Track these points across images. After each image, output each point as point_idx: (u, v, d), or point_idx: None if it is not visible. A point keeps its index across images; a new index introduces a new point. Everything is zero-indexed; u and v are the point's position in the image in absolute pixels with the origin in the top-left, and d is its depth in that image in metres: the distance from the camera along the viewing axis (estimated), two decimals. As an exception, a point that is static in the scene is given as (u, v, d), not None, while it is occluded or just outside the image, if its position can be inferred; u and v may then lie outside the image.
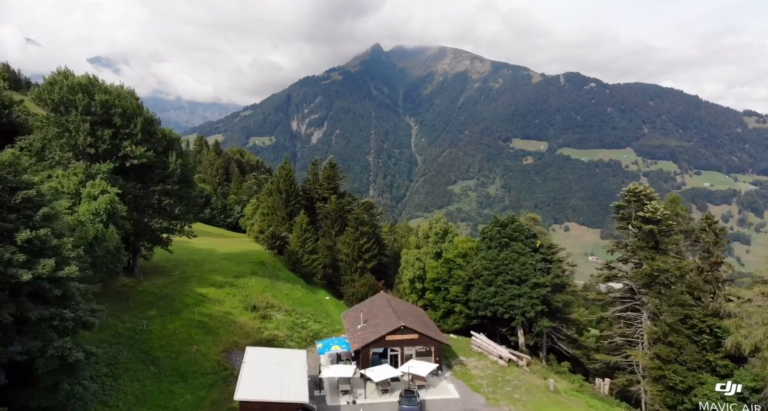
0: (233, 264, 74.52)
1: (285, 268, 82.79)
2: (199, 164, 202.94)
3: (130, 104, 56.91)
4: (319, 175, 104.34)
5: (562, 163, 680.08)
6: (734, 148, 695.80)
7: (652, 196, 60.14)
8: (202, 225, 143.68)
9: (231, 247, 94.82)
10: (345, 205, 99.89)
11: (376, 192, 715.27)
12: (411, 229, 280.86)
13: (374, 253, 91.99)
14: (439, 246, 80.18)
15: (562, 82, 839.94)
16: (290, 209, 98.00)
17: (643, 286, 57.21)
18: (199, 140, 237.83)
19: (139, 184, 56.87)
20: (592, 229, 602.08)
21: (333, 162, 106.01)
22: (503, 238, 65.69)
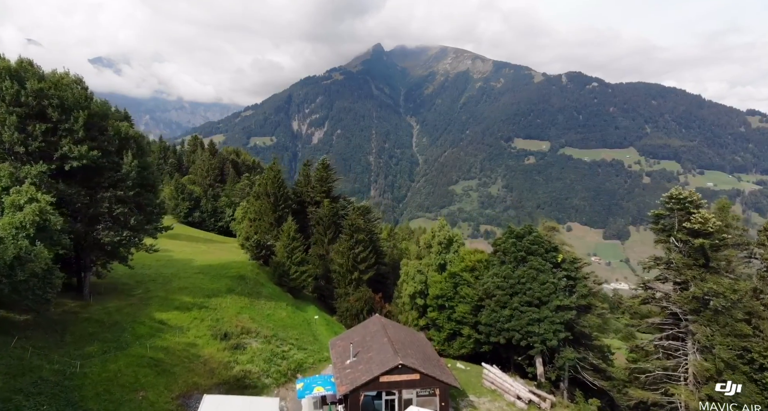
0: (208, 279, 64.49)
1: (270, 282, 72.79)
2: (193, 164, 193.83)
3: (72, 94, 46.77)
4: (311, 176, 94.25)
5: (564, 162, 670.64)
6: (738, 147, 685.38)
7: (699, 202, 49.66)
8: (190, 229, 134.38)
9: (213, 256, 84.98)
10: (339, 209, 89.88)
11: (377, 192, 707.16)
12: (412, 231, 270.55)
13: (371, 263, 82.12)
14: (443, 257, 70.10)
15: (564, 81, 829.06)
16: (279, 214, 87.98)
17: (690, 312, 47.04)
18: (193, 140, 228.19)
19: (85, 190, 46.83)
20: (594, 230, 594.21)
21: (326, 162, 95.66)
22: (519, 252, 55.32)
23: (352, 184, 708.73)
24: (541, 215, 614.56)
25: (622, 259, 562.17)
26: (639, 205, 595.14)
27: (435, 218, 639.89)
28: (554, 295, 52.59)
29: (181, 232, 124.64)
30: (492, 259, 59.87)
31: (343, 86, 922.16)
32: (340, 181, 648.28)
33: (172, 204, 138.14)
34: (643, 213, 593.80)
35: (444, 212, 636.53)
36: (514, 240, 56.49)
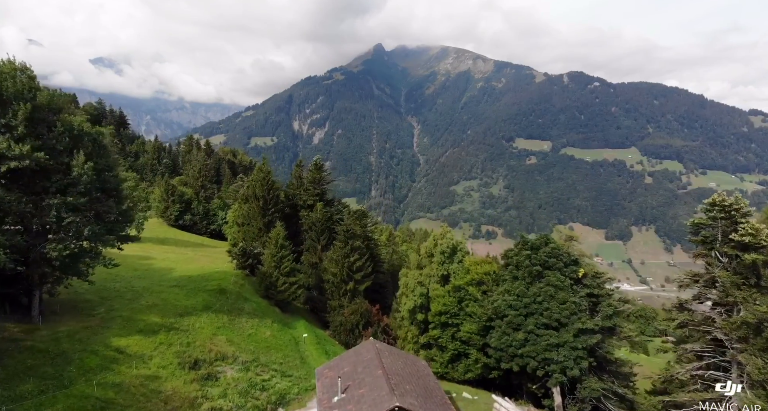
0: (184, 294, 57.19)
1: (255, 295, 65.49)
2: (188, 165, 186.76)
3: (13, 84, 39.38)
4: (304, 178, 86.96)
5: (565, 162, 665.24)
6: (740, 147, 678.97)
7: (746, 211, 41.90)
8: (180, 233, 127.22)
9: (197, 264, 77.72)
10: (333, 213, 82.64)
11: (378, 192, 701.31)
12: (413, 233, 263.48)
13: (367, 272, 74.93)
14: (446, 268, 62.73)
15: (565, 81, 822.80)
16: (268, 219, 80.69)
17: (738, 340, 39.73)
18: (188, 140, 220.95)
19: (28, 196, 39.58)
20: (596, 230, 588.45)
21: (319, 163, 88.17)
22: (534, 266, 47.89)
23: (353, 185, 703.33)
24: (543, 215, 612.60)
25: (624, 260, 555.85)
26: (641, 205, 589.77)
27: (436, 218, 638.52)
28: (575, 317, 45.22)
29: (170, 236, 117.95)
30: (503, 274, 52.33)
31: (344, 86, 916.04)
32: (339, 182, 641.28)
33: (162, 206, 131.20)
34: (646, 213, 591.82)
35: (445, 213, 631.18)
36: (528, 252, 49.00)
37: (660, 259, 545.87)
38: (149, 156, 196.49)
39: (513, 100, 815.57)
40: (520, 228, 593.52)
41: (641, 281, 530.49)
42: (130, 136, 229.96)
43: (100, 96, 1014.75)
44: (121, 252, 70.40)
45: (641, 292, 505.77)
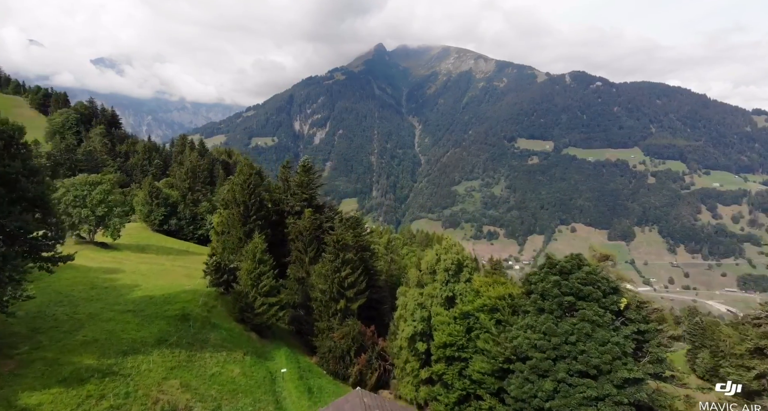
0: (136, 322, 46.98)
1: (228, 319, 55.36)
2: (175, 166, 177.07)
3: None
4: (291, 181, 76.69)
5: (568, 163, 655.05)
6: (744, 147, 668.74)
7: None
8: (164, 239, 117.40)
9: (167, 279, 67.72)
10: (323, 221, 72.47)
11: (379, 193, 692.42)
12: (413, 236, 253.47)
13: (361, 288, 64.71)
14: (451, 288, 52.55)
15: (567, 81, 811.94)
16: (250, 228, 70.59)
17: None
18: (181, 140, 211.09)
19: None
20: (599, 230, 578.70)
21: (308, 164, 77.62)
22: (566, 296, 37.91)
23: (354, 185, 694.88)
24: (545, 216, 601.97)
25: (627, 261, 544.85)
26: (644, 205, 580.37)
27: (437, 219, 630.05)
28: (619, 362, 34.98)
29: (152, 243, 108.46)
30: (523, 303, 41.70)
31: (345, 86, 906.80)
32: (340, 183, 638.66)
33: (145, 210, 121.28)
34: (649, 213, 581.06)
35: (446, 213, 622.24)
36: (557, 278, 38.62)
37: (663, 260, 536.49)
38: (139, 156, 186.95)
39: (515, 100, 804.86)
40: (522, 228, 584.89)
41: (644, 282, 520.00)
42: (123, 136, 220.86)
43: (101, 96, 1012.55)
44: (90, 264, 61.11)
45: (645, 293, 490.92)
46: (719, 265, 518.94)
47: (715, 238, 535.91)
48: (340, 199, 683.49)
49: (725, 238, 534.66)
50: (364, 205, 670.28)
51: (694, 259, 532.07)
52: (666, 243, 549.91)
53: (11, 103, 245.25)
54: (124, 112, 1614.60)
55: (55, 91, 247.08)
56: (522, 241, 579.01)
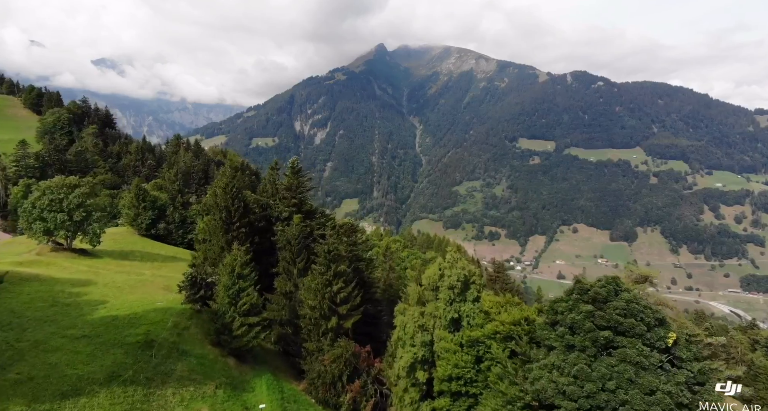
0: (88, 352, 39.69)
1: (202, 343, 48.24)
2: (170, 167, 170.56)
3: None
4: (278, 184, 69.26)
5: (569, 163, 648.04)
6: (746, 147, 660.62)
7: None
8: (151, 243, 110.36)
9: (140, 293, 60.70)
10: (314, 228, 65.28)
11: (380, 193, 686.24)
12: (414, 238, 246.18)
13: (355, 304, 57.79)
14: (457, 308, 45.43)
15: (569, 80, 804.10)
16: (233, 236, 63.46)
17: None
18: (175, 140, 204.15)
19: None
20: (601, 231, 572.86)
21: (296, 165, 70.31)
22: (601, 329, 30.26)
23: (354, 185, 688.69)
24: (547, 216, 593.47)
25: (629, 261, 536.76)
26: (646, 206, 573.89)
27: (439, 219, 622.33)
28: (669, 418, 27.57)
29: (137, 249, 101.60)
30: (547, 336, 33.91)
31: (346, 86, 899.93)
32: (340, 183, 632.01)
33: (132, 214, 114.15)
34: (651, 214, 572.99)
35: (448, 213, 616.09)
36: (590, 308, 30.83)
37: (666, 261, 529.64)
38: (132, 157, 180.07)
39: (516, 100, 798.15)
40: (523, 229, 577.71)
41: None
42: (116, 136, 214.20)
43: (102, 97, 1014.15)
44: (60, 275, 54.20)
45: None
46: (722, 266, 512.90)
47: (718, 238, 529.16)
48: (341, 200, 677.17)
49: (728, 239, 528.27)
50: (365, 205, 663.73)
51: (697, 259, 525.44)
52: (668, 243, 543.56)
53: (5, 103, 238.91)
54: (125, 113, 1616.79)
55: (48, 90, 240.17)
56: (524, 242, 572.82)
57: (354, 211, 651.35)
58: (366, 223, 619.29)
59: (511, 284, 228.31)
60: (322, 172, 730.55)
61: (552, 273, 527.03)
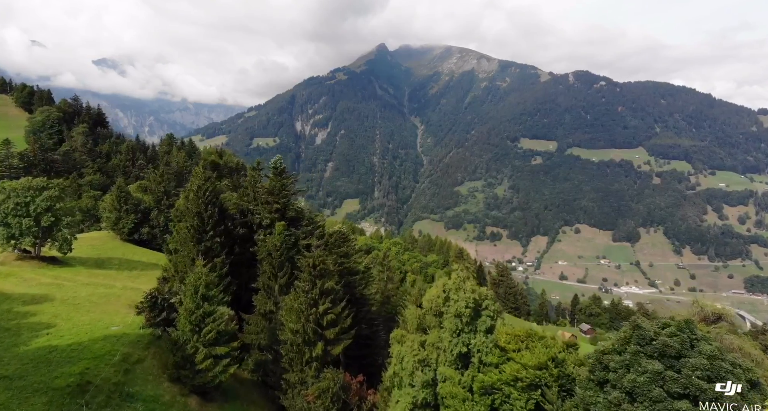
0: (1, 401, 31.48)
1: (159, 379, 39.85)
2: (156, 168, 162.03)
3: None
4: (260, 187, 60.41)
5: (571, 163, 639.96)
6: (749, 147, 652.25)
7: None
8: (133, 249, 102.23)
9: (99, 312, 52.45)
10: (299, 237, 56.58)
11: (381, 193, 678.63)
12: (415, 240, 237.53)
13: (345, 326, 49.41)
14: (466, 340, 36.79)
15: (571, 80, 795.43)
16: (206, 246, 54.90)
17: None
18: (167, 139, 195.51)
19: None
20: (603, 231, 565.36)
21: (280, 165, 61.13)
22: (676, 398, 20.62)
23: (355, 185, 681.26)
24: (549, 216, 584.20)
25: (632, 262, 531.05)
26: (649, 206, 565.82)
27: (440, 220, 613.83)
28: None
29: (116, 256, 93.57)
30: (594, 400, 24.69)
31: (347, 86, 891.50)
32: (341, 183, 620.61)
33: (113, 217, 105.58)
34: (654, 214, 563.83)
35: (449, 214, 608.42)
36: (658, 368, 21.55)
37: (669, 262, 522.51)
38: (122, 157, 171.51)
39: (518, 100, 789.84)
40: (525, 229, 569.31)
41: (650, 284, 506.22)
42: (108, 135, 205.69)
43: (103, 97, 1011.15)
44: (15, 289, 46.18)
45: (650, 295, 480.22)
46: (726, 267, 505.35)
47: (722, 239, 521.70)
48: (342, 200, 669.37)
49: (732, 239, 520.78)
50: (366, 205, 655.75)
51: (700, 260, 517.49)
52: (671, 244, 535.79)
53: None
54: (126, 113, 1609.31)
55: (39, 88, 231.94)
56: (525, 243, 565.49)
57: (355, 212, 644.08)
58: (367, 224, 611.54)
59: (515, 288, 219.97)
60: (323, 172, 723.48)
61: (554, 274, 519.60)
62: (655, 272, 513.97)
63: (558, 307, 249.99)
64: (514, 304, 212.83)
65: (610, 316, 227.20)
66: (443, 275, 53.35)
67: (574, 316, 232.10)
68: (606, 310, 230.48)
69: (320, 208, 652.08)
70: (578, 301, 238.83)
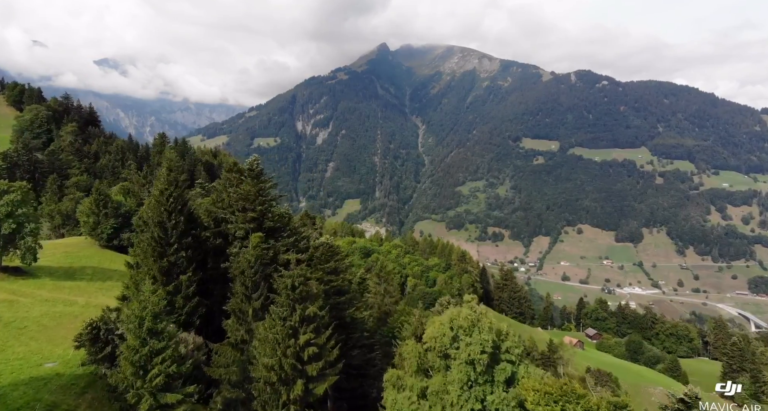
0: None
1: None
2: (128, 169, 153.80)
3: None
4: (232, 191, 51.28)
5: (574, 163, 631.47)
6: (753, 146, 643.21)
7: None
8: (111, 257, 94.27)
9: (45, 339, 44.51)
10: (279, 250, 47.84)
11: (382, 193, 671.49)
12: (416, 243, 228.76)
13: (331, 359, 40.81)
14: (479, 394, 28.16)
15: (573, 80, 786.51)
16: (170, 261, 46.29)
17: None
18: (160, 139, 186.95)
19: None
20: (606, 232, 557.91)
21: (257, 166, 51.68)
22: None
23: (357, 185, 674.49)
24: (551, 217, 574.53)
25: (635, 263, 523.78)
26: (652, 206, 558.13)
27: (441, 220, 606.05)
28: None
29: (90, 265, 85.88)
30: None
31: (348, 86, 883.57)
32: (342, 183, 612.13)
33: (91, 222, 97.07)
34: (657, 214, 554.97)
35: (450, 214, 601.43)
36: None
37: (672, 262, 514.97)
38: (110, 157, 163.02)
39: (519, 100, 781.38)
40: (527, 230, 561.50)
41: (653, 285, 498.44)
42: (99, 134, 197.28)
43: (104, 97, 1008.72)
44: None
45: (653, 296, 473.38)
46: (729, 268, 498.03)
47: (725, 239, 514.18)
48: (343, 200, 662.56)
49: (735, 240, 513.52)
50: (367, 205, 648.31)
51: (704, 261, 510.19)
52: (675, 245, 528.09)
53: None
54: (127, 113, 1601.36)
55: (30, 86, 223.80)
56: (527, 243, 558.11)
57: (356, 212, 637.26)
58: (368, 224, 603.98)
59: (520, 292, 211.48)
60: (324, 172, 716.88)
61: (556, 274, 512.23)
62: (659, 273, 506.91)
63: (563, 311, 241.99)
64: (519, 308, 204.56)
65: (617, 321, 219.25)
66: (445, 306, 45.19)
67: (579, 321, 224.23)
68: (613, 315, 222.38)
69: (321, 208, 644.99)
70: (584, 305, 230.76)
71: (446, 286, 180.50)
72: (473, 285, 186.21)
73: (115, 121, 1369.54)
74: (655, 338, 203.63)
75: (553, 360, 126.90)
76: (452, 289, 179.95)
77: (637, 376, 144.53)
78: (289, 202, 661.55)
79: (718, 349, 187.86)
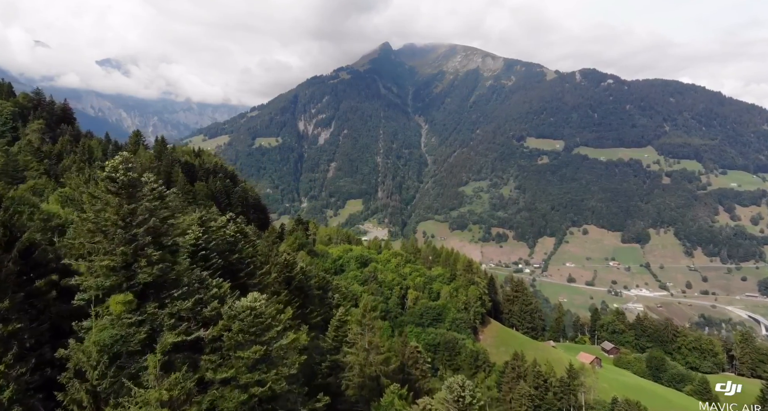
0: None
1: None
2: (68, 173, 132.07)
3: None
4: (84, 218, 29.99)
5: (579, 162, 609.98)
6: (761, 146, 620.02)
7: None
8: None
9: None
10: (166, 325, 26.32)
11: (384, 194, 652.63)
12: (419, 251, 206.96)
13: None
14: None
15: (577, 78, 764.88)
16: None
17: None
18: (134, 137, 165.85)
19: None
20: (612, 232, 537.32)
21: (126, 172, 28.69)
22: None
23: (359, 186, 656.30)
24: (556, 217, 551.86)
25: (642, 264, 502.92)
26: (659, 206, 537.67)
27: (444, 220, 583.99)
28: None
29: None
30: None
31: (350, 86, 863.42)
32: (344, 183, 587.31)
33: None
34: (664, 215, 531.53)
35: (454, 214, 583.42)
36: None
37: (680, 264, 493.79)
38: (74, 158, 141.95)
39: (523, 99, 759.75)
40: (531, 230, 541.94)
41: (661, 287, 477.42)
42: (75, 133, 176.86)
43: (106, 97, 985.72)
44: None
45: (661, 298, 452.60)
46: (739, 269, 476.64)
47: (734, 240, 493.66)
48: (345, 200, 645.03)
49: (744, 241, 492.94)
50: (369, 206, 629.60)
51: (713, 262, 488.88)
52: (682, 246, 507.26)
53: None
54: (129, 113, 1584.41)
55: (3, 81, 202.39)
56: (532, 244, 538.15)
57: (358, 212, 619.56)
58: (370, 224, 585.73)
59: (532, 305, 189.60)
60: (326, 172, 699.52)
61: (562, 276, 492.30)
62: (666, 274, 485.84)
63: (576, 322, 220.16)
64: (531, 323, 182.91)
65: (636, 334, 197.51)
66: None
67: (594, 333, 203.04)
68: (631, 327, 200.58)
69: (323, 208, 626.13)
70: (599, 316, 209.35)
71: (451, 300, 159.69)
72: (481, 298, 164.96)
73: (118, 121, 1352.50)
74: (677, 352, 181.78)
75: (573, 387, 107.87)
76: (458, 303, 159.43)
77: (666, 404, 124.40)
78: (290, 202, 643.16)
79: (744, 364, 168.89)
